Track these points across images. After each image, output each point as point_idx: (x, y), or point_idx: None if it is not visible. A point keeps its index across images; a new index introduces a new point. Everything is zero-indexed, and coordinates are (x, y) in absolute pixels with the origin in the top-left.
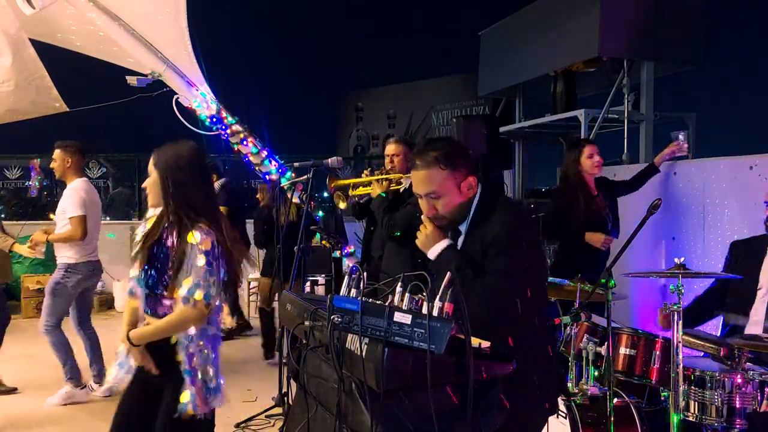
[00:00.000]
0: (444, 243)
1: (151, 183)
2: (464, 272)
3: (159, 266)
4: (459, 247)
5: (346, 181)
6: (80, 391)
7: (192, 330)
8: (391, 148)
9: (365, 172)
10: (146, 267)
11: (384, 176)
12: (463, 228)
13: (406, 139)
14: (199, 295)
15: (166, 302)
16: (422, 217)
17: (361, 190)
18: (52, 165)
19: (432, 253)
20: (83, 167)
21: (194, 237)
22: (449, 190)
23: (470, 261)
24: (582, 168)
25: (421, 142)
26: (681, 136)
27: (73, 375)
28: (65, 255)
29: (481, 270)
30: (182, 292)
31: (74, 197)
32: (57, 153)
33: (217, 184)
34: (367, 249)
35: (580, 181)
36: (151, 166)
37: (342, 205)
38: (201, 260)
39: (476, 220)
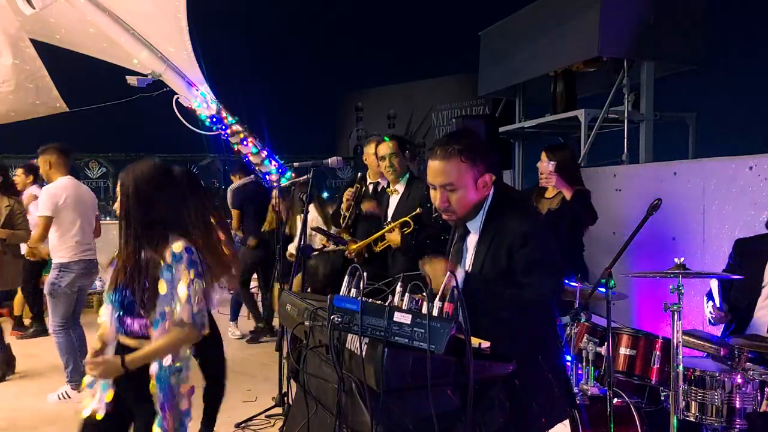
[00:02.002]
0: (460, 273)
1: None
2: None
3: (135, 286)
4: (474, 246)
5: (364, 243)
6: (79, 394)
7: (168, 360)
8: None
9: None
10: (121, 287)
11: (392, 226)
12: (473, 227)
13: (401, 138)
14: (186, 315)
15: (141, 322)
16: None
17: (381, 245)
18: (40, 171)
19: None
20: (70, 166)
21: (170, 255)
22: (466, 185)
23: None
24: None
25: (446, 134)
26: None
27: (73, 378)
28: (57, 254)
29: (507, 272)
30: (174, 314)
31: (46, 197)
32: (39, 159)
33: (236, 183)
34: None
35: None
36: (118, 189)
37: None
38: (184, 279)
39: (490, 219)
